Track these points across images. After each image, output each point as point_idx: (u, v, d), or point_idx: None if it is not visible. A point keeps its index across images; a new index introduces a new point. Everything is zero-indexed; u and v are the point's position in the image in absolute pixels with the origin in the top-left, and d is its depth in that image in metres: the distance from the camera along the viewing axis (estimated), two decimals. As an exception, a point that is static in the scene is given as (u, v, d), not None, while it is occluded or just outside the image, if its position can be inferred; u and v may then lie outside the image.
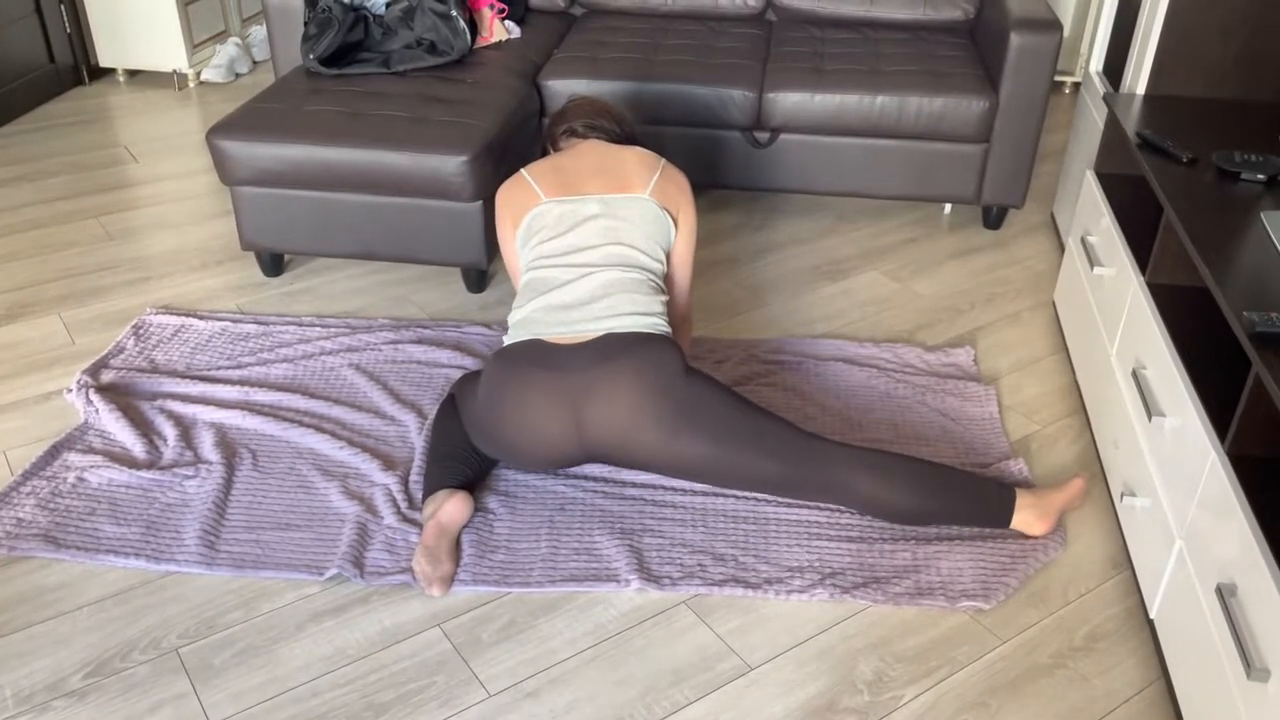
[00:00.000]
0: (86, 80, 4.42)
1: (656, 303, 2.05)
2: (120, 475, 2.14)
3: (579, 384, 1.93)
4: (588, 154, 2.17)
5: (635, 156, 2.16)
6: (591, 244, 2.05)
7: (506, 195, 2.17)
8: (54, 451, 2.22)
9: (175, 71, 4.37)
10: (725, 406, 1.97)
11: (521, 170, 2.16)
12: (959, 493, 1.99)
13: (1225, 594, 1.49)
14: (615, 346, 1.95)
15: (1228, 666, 1.49)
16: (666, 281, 2.20)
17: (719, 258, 3.09)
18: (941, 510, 1.99)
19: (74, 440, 2.26)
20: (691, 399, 1.95)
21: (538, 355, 1.97)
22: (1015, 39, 2.93)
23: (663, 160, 2.18)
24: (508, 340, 2.05)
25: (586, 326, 1.98)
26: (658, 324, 2.02)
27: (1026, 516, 2.01)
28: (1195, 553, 1.64)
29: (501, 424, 1.99)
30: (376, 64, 3.04)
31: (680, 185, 2.17)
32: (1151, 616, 1.81)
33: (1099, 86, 2.92)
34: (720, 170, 3.21)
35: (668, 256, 2.18)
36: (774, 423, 1.99)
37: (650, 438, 1.95)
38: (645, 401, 1.93)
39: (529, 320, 2.03)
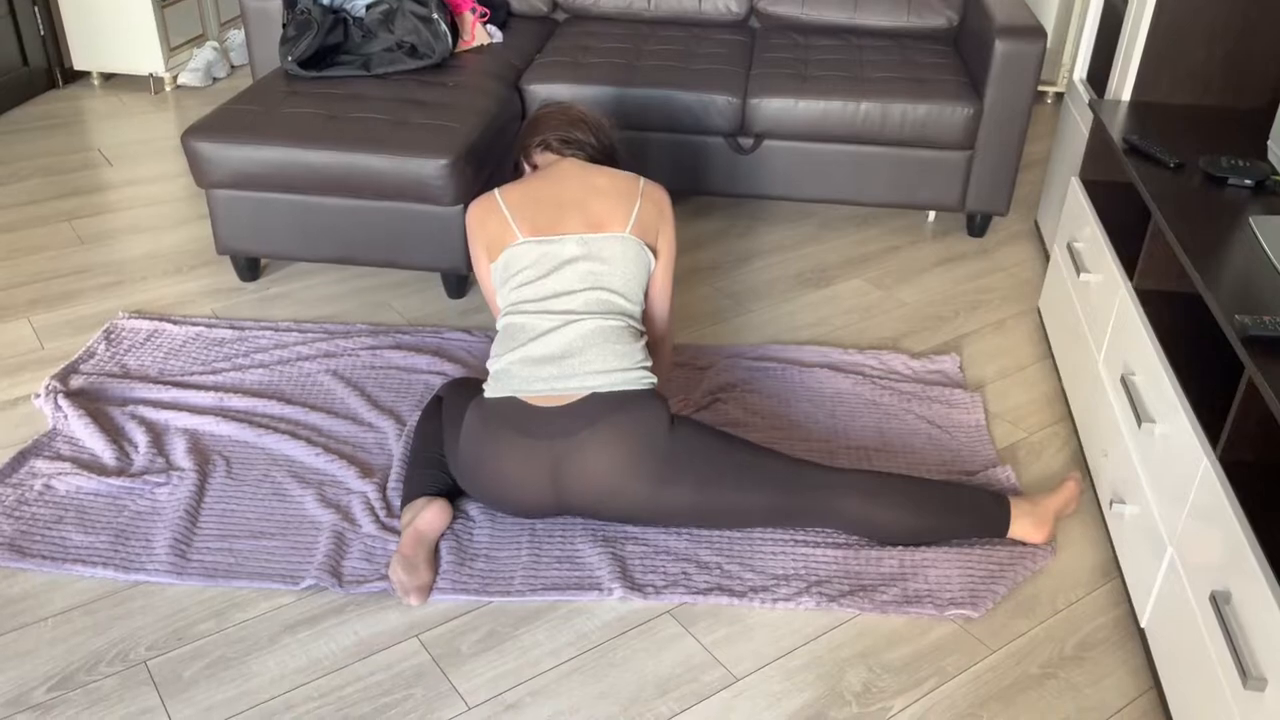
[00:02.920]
0: (60, 83, 4.36)
1: (638, 350, 1.97)
2: (89, 483, 2.09)
3: (559, 451, 1.88)
4: (566, 179, 2.03)
5: (612, 183, 2.03)
6: (572, 289, 1.95)
7: (479, 219, 2.03)
8: (20, 458, 2.16)
9: (151, 75, 4.31)
10: (710, 453, 1.91)
11: (495, 192, 2.03)
12: (954, 509, 1.96)
13: (1219, 602, 1.47)
14: (596, 411, 1.88)
15: (1222, 675, 1.46)
16: (645, 312, 2.11)
17: (701, 264, 3.07)
18: (938, 528, 1.96)
19: (41, 447, 2.20)
20: (676, 452, 1.89)
21: (516, 418, 1.90)
22: (1000, 46, 2.92)
23: (641, 180, 2.06)
24: (488, 392, 1.96)
25: (566, 385, 1.90)
26: (641, 377, 1.94)
27: (1024, 524, 1.98)
28: (1187, 560, 1.62)
29: (480, 479, 1.95)
30: (356, 67, 3.00)
31: (660, 206, 2.05)
32: (1142, 625, 1.79)
33: (1083, 94, 2.91)
34: (703, 176, 3.18)
35: (649, 286, 2.09)
36: (761, 456, 1.94)
37: (632, 496, 1.90)
38: (627, 465, 1.88)
39: (506, 374, 1.94)
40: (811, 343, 2.69)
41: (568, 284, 1.96)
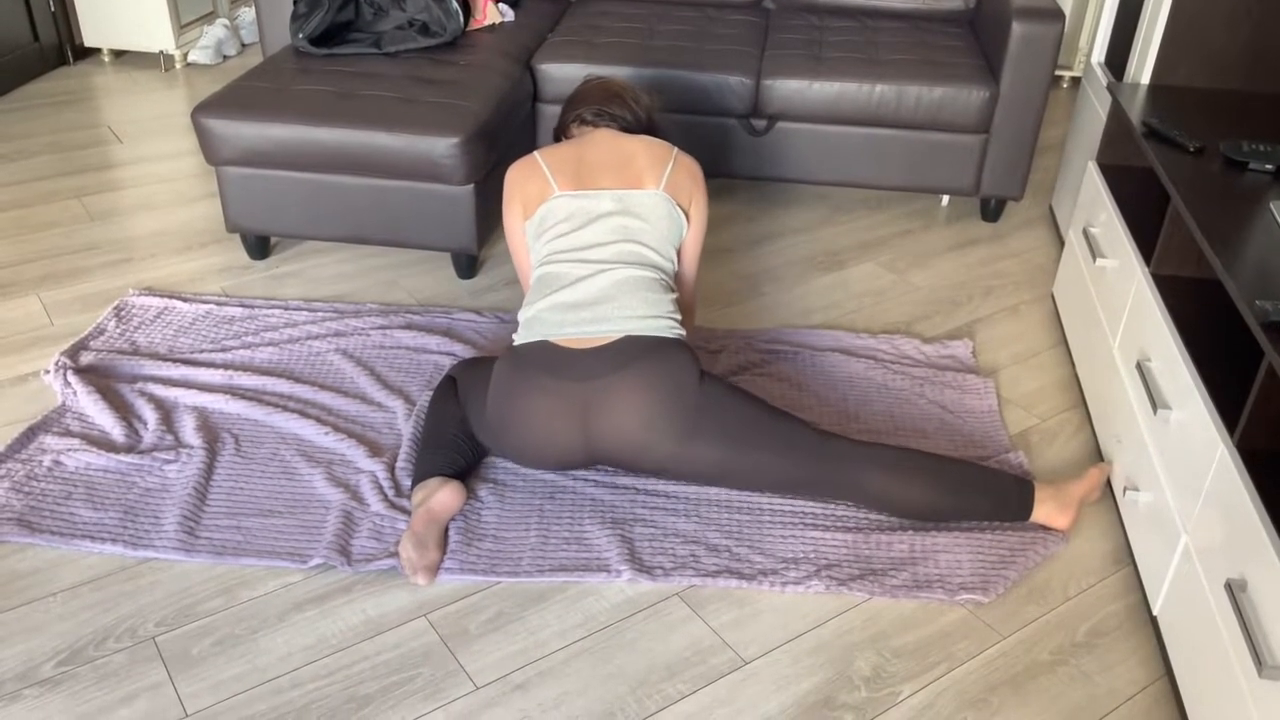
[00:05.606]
0: (71, 60, 4.35)
1: (668, 301, 1.99)
2: (98, 459, 2.08)
3: (590, 392, 1.88)
4: (601, 145, 2.10)
5: (646, 149, 2.08)
6: (604, 241, 1.99)
7: (518, 177, 2.09)
8: (30, 434, 2.16)
9: (162, 53, 4.30)
10: (739, 411, 1.92)
11: (535, 153, 2.09)
12: (978, 489, 1.95)
13: (1235, 590, 1.45)
14: (629, 353, 1.90)
15: (1236, 664, 1.45)
16: (675, 275, 2.15)
17: (715, 247, 3.05)
18: (960, 507, 1.95)
19: (51, 423, 2.20)
20: (705, 406, 1.91)
21: (548, 361, 1.91)
22: (1017, 28, 2.88)
23: (675, 150, 2.11)
24: (517, 340, 1.99)
25: (598, 328, 1.92)
26: (672, 326, 1.96)
27: (1048, 509, 1.97)
28: (1202, 548, 1.60)
29: (509, 427, 1.95)
30: (367, 44, 2.98)
31: (693, 175, 2.10)
32: (1155, 613, 1.77)
33: (1101, 77, 2.88)
34: (716, 158, 3.15)
35: (679, 252, 2.12)
36: (788, 423, 1.95)
37: (662, 446, 1.91)
38: (657, 412, 1.88)
39: (538, 320, 1.96)
40: (823, 326, 2.67)
41: (600, 236, 2.00)
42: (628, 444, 1.91)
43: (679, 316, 2.01)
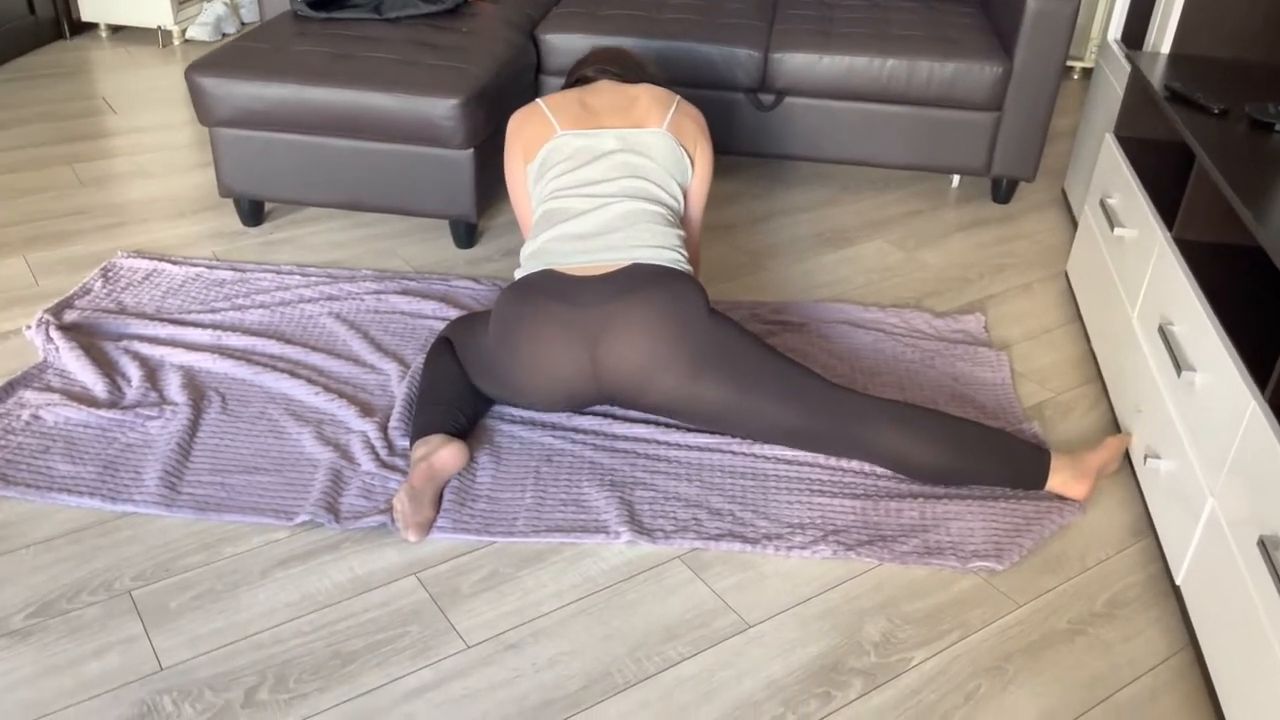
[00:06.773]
0: (68, 34, 4.28)
1: (675, 236, 1.95)
2: (78, 414, 2.01)
3: (597, 318, 1.82)
4: (603, 91, 2.11)
5: (648, 93, 2.09)
6: (609, 177, 1.97)
7: (519, 123, 2.08)
8: (8, 388, 2.08)
9: (160, 28, 4.24)
10: (748, 351, 1.86)
11: (537, 100, 2.08)
12: (992, 452, 1.87)
13: (1269, 547, 1.38)
14: (636, 280, 1.84)
15: (1269, 626, 1.37)
16: (682, 218, 2.11)
17: (718, 223, 2.98)
18: (973, 470, 1.87)
19: (31, 378, 2.12)
20: (714, 340, 1.84)
21: (554, 287, 1.86)
22: (1033, 3, 2.82)
23: (677, 97, 2.10)
24: (520, 273, 1.94)
25: (605, 256, 1.87)
26: (678, 259, 1.92)
27: (1064, 478, 1.89)
28: (1231, 510, 1.53)
29: (512, 361, 1.88)
30: (367, 9, 2.92)
31: (697, 121, 2.09)
32: (1177, 583, 1.70)
33: (1119, 53, 2.81)
34: (722, 134, 3.09)
35: (684, 194, 2.09)
36: (799, 371, 1.88)
37: (669, 378, 1.84)
38: (665, 340, 1.82)
39: (543, 251, 1.92)
40: (830, 300, 2.60)
41: (604, 173, 1.97)
42: (635, 372, 1.85)
43: (686, 254, 1.96)
